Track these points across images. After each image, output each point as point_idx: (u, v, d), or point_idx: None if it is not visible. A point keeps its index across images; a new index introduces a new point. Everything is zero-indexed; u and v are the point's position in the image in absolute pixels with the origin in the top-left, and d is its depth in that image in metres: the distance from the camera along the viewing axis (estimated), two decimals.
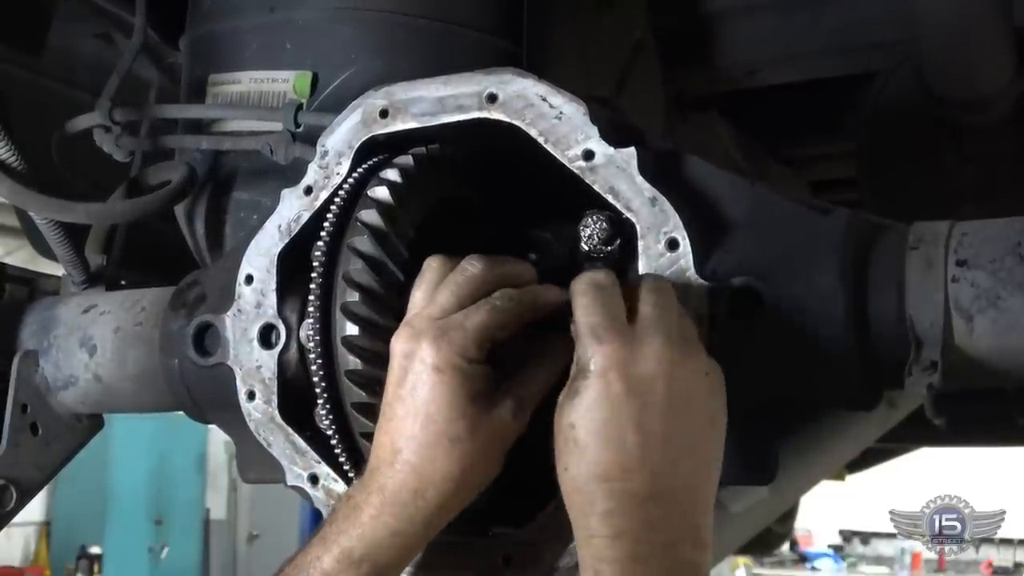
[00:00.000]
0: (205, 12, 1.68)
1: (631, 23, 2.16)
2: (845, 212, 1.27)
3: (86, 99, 1.77)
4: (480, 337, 1.13)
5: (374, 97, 1.33)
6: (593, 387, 1.07)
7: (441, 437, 1.12)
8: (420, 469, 1.12)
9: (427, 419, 1.12)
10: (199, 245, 1.70)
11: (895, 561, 14.80)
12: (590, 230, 1.24)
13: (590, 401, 1.07)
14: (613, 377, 1.06)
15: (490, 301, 1.15)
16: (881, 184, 2.51)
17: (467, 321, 1.14)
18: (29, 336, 1.66)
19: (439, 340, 1.12)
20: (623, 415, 1.06)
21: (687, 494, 1.08)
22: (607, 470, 1.05)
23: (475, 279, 1.18)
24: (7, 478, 1.63)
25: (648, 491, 1.05)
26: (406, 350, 1.14)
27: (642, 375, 1.07)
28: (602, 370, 1.07)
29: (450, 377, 1.12)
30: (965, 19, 2.03)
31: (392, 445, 1.14)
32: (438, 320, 1.14)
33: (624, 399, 1.06)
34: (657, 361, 1.07)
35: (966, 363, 1.19)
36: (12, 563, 10.97)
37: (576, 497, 1.08)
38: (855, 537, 16.29)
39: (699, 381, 1.10)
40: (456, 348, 1.12)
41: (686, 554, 1.06)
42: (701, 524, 1.09)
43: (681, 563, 1.06)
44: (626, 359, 1.07)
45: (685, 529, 1.07)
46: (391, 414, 1.14)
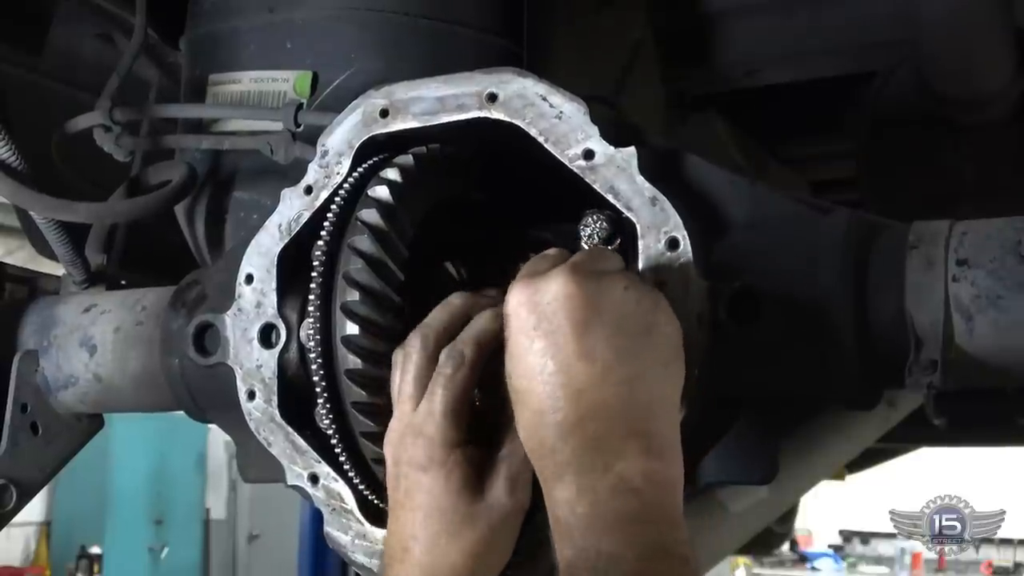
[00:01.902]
0: (205, 12, 1.68)
1: (631, 23, 2.16)
2: (845, 212, 1.27)
3: (86, 99, 1.77)
4: (449, 416, 1.13)
5: (374, 97, 1.33)
6: (511, 330, 1.07)
7: (440, 535, 1.13)
8: (427, 566, 1.13)
9: (425, 519, 1.13)
10: (199, 245, 1.70)
11: (895, 561, 14.79)
12: (590, 229, 1.24)
13: (511, 343, 1.07)
14: (522, 312, 1.06)
15: (440, 373, 1.14)
16: (881, 184, 2.51)
17: (431, 407, 1.14)
18: (29, 336, 1.66)
19: (417, 438, 1.14)
20: (539, 344, 1.04)
21: (628, 403, 1.04)
22: (540, 405, 1.04)
23: (419, 353, 1.17)
24: (7, 478, 1.63)
25: (578, 413, 1.03)
26: (395, 456, 1.16)
27: (547, 302, 1.05)
28: (512, 310, 1.07)
29: (436, 473, 1.13)
30: (965, 19, 2.03)
31: (402, 544, 1.15)
32: (412, 415, 1.15)
33: (536, 328, 1.05)
34: (559, 285, 1.06)
35: (966, 363, 1.19)
36: (12, 563, 10.97)
37: (530, 447, 1.06)
38: (855, 537, 16.30)
39: (613, 294, 1.07)
40: (435, 440, 1.13)
41: (632, 467, 1.01)
42: (653, 431, 1.04)
43: (627, 477, 1.01)
44: (531, 292, 1.06)
45: (630, 441, 1.02)
46: (395, 517, 1.17)
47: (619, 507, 1.00)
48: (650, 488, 1.02)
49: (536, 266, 1.11)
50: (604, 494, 1.00)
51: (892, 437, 3.16)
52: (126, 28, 2.04)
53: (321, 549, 7.53)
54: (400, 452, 1.15)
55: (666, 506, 1.02)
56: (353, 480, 1.30)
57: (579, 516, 1.00)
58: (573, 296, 1.05)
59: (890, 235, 1.25)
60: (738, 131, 2.63)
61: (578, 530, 1.00)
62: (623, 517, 1.00)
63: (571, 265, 1.08)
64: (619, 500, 1.00)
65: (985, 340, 1.17)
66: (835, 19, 2.25)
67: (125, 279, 1.77)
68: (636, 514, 1.00)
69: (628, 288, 1.08)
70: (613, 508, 1.00)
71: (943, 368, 1.17)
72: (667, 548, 0.99)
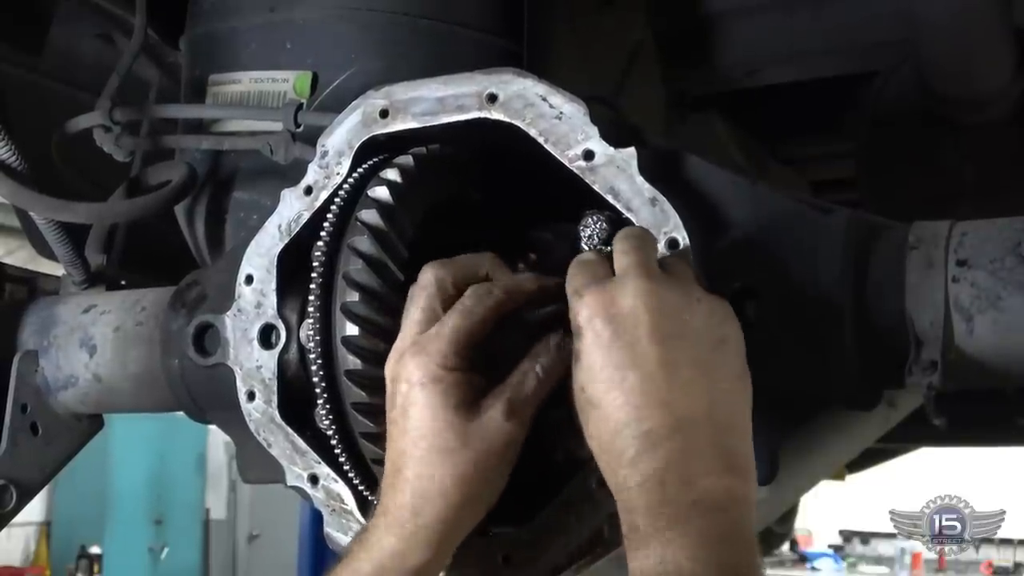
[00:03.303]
0: (205, 12, 1.68)
1: (631, 23, 2.16)
2: (845, 212, 1.27)
3: (86, 99, 1.77)
4: (456, 343, 1.12)
5: (374, 97, 1.33)
6: (586, 340, 1.06)
7: (431, 451, 1.11)
8: (417, 486, 1.12)
9: (417, 436, 1.12)
10: (199, 245, 1.70)
11: (895, 561, 14.79)
12: (590, 230, 1.24)
13: (586, 355, 1.06)
14: (598, 323, 1.05)
15: (461, 303, 1.14)
16: (881, 184, 2.51)
17: (441, 330, 1.13)
18: (29, 336, 1.66)
19: (417, 355, 1.12)
20: (617, 356, 1.04)
21: (710, 417, 1.04)
22: (621, 416, 1.03)
23: (431, 286, 1.16)
24: (7, 478, 1.63)
25: (664, 425, 1.02)
26: (393, 373, 1.15)
27: (625, 312, 1.05)
28: (588, 320, 1.06)
29: (432, 390, 1.11)
30: (965, 18, 2.03)
31: (394, 466, 1.14)
32: (416, 336, 1.14)
33: (613, 340, 1.04)
34: (635, 295, 1.05)
35: (966, 363, 1.19)
36: (12, 563, 10.98)
37: (604, 459, 1.05)
38: (855, 537, 16.30)
39: (690, 306, 1.07)
40: (434, 358, 1.11)
41: (716, 484, 1.02)
42: (734, 448, 1.05)
43: (711, 493, 1.01)
44: (606, 303, 1.06)
45: (715, 456, 1.03)
46: (391, 437, 1.15)
47: (702, 525, 1.00)
48: (733, 506, 1.02)
49: (595, 270, 1.10)
50: (687, 509, 1.01)
51: (892, 437, 3.16)
52: (126, 28, 2.04)
53: (321, 549, 7.53)
54: (399, 369, 1.14)
55: (745, 526, 1.03)
56: (353, 481, 1.29)
57: (660, 529, 1.00)
58: (653, 306, 1.05)
59: (890, 235, 1.25)
60: (738, 131, 2.63)
61: (658, 543, 1.00)
62: (706, 535, 1.00)
63: (646, 271, 1.08)
64: (703, 517, 1.01)
65: (985, 341, 1.17)
66: (835, 19, 2.25)
67: (125, 279, 1.77)
68: (719, 533, 1.01)
69: (701, 299, 1.08)
70: (696, 525, 1.00)
71: (943, 368, 1.17)
72: (745, 569, 1.00)
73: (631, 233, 1.15)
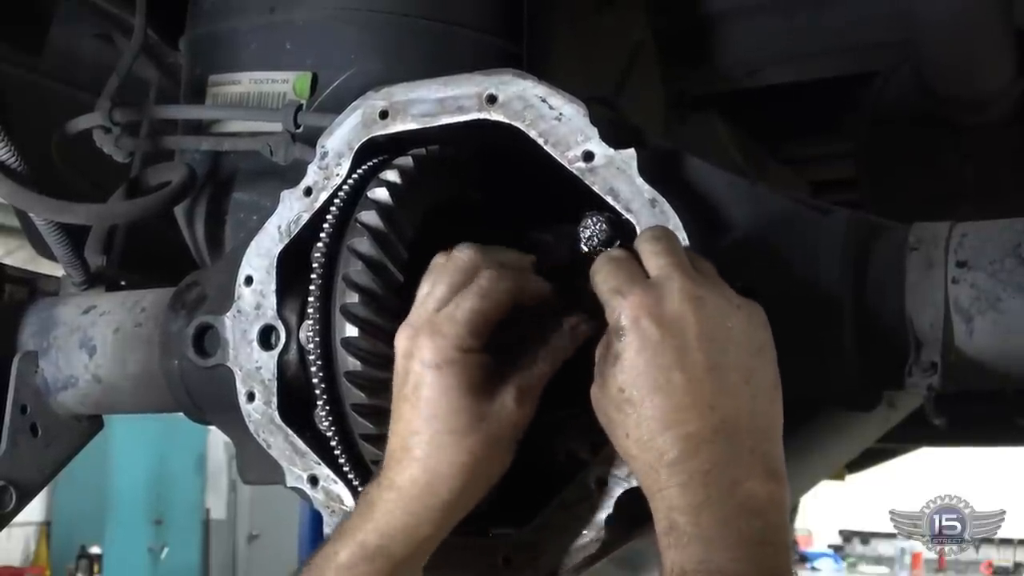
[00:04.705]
0: (205, 12, 1.68)
1: (631, 23, 2.16)
2: (845, 212, 1.27)
3: (86, 99, 1.77)
4: (472, 324, 1.13)
5: (374, 98, 1.33)
6: (630, 340, 1.06)
7: (444, 432, 1.12)
8: (428, 464, 1.13)
9: (430, 416, 1.12)
10: (199, 246, 1.70)
11: (895, 561, 14.80)
12: (590, 231, 1.24)
13: (631, 355, 1.06)
14: (646, 323, 1.06)
15: (477, 284, 1.14)
16: (881, 184, 2.51)
17: (457, 311, 1.13)
18: (29, 337, 1.66)
19: (433, 336, 1.13)
20: (665, 357, 1.04)
21: (751, 422, 1.05)
22: (664, 417, 1.04)
23: (464, 266, 1.16)
24: (7, 479, 1.62)
25: (709, 427, 1.03)
26: (405, 349, 1.15)
27: (672, 314, 1.06)
28: (633, 320, 1.06)
29: (447, 372, 1.12)
30: (965, 19, 2.03)
31: (402, 443, 1.14)
32: (432, 314, 1.14)
33: (661, 341, 1.05)
34: (683, 297, 1.06)
35: (965, 364, 1.19)
36: (12, 563, 10.98)
37: (643, 458, 1.06)
38: (855, 537, 16.30)
39: (732, 311, 1.08)
40: (450, 341, 1.12)
41: (758, 488, 1.03)
42: (772, 453, 1.06)
43: (754, 497, 1.03)
44: (653, 303, 1.06)
45: (755, 461, 1.04)
46: (399, 414, 1.15)
47: (744, 527, 1.02)
48: (772, 510, 1.04)
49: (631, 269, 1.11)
50: (731, 511, 1.02)
51: (892, 437, 3.16)
52: (126, 28, 2.04)
53: None
54: (412, 347, 1.14)
55: (782, 529, 1.05)
56: (353, 482, 1.29)
57: (703, 528, 1.02)
58: (699, 310, 1.06)
59: (890, 236, 1.25)
60: (738, 131, 2.63)
61: (699, 542, 1.02)
62: (747, 537, 1.02)
63: (688, 273, 1.08)
64: (745, 519, 1.03)
65: (985, 342, 1.18)
66: (835, 20, 2.25)
67: (125, 280, 1.77)
68: (760, 535, 1.03)
69: (740, 305, 1.09)
70: (738, 527, 1.02)
71: (943, 369, 1.18)
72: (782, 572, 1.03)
73: (661, 234, 1.15)
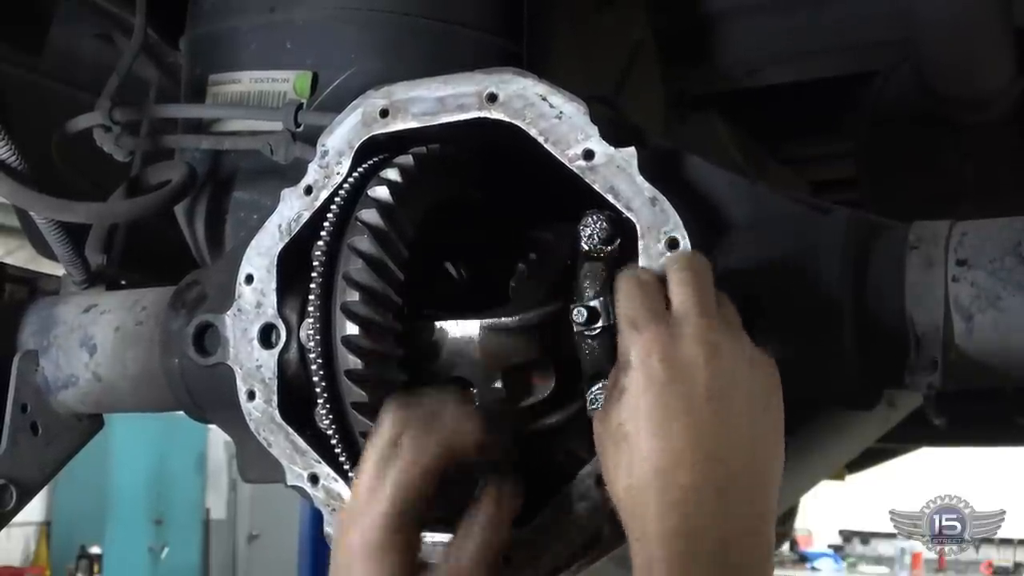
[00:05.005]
0: (205, 12, 1.68)
1: (631, 23, 2.16)
2: (845, 212, 1.27)
3: (86, 99, 1.77)
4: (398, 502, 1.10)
5: (374, 97, 1.33)
6: (636, 377, 1.04)
7: None
8: None
9: None
10: (199, 245, 1.70)
11: (895, 561, 14.80)
12: (590, 230, 1.24)
13: (635, 392, 1.03)
14: (655, 363, 1.03)
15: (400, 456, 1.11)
16: (881, 183, 2.51)
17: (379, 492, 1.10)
18: (29, 336, 1.66)
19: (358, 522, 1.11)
20: (670, 401, 1.02)
21: (748, 480, 1.03)
22: (660, 461, 1.01)
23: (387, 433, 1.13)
24: (7, 478, 1.63)
25: (704, 480, 1.01)
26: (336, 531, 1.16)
27: (684, 358, 1.03)
28: (643, 358, 1.04)
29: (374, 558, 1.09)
30: (965, 18, 2.03)
31: None
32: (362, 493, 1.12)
33: (668, 384, 1.02)
34: (699, 343, 1.03)
35: (966, 363, 1.19)
36: (12, 563, 10.98)
37: (630, 499, 1.03)
38: (855, 537, 16.30)
39: (745, 364, 1.05)
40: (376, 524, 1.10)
41: (746, 550, 1.02)
42: (767, 507, 1.05)
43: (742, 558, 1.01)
44: (666, 344, 1.04)
45: (746, 521, 1.02)
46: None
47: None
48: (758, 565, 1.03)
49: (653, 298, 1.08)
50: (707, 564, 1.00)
51: (892, 437, 3.16)
52: (126, 28, 2.04)
53: (321, 549, 7.52)
54: (341, 531, 1.13)
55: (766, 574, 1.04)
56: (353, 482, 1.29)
57: None
58: (712, 358, 1.03)
59: (890, 235, 1.25)
60: (738, 131, 2.63)
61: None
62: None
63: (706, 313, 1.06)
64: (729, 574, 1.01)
65: (985, 340, 1.18)
66: (835, 19, 2.25)
67: (125, 279, 1.77)
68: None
69: (754, 359, 1.07)
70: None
71: (943, 368, 1.18)
72: None
73: (693, 265, 1.11)
